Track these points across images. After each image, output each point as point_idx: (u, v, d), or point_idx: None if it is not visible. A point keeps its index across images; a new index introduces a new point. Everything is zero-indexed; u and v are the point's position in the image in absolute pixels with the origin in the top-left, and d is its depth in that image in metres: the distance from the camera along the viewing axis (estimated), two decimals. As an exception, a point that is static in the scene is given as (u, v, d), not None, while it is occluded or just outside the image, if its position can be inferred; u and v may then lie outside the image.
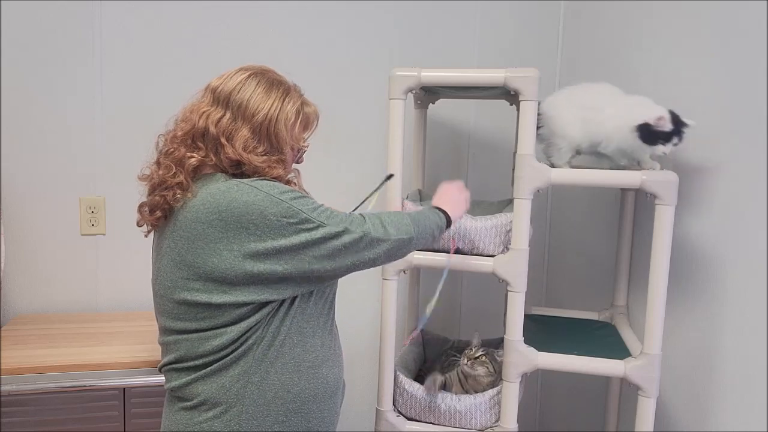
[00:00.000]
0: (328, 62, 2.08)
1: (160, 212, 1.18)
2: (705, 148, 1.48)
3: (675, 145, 1.45)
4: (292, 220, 1.12)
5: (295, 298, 1.19)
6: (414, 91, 1.71)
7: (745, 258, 1.34)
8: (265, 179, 1.18)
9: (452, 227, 1.51)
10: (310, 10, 2.05)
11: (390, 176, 1.59)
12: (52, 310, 1.94)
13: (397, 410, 1.70)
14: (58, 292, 1.94)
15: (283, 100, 1.23)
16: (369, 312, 2.16)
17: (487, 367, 1.67)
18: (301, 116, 1.26)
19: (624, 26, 1.88)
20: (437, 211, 1.40)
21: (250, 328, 1.16)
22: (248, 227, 1.11)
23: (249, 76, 1.23)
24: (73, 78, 1.90)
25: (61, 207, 1.92)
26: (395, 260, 1.29)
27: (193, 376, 1.18)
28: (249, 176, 1.19)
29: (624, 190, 1.84)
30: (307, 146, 1.32)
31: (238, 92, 1.20)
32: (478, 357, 1.69)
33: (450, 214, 1.41)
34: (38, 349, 1.61)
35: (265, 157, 1.20)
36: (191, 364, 1.18)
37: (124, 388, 1.55)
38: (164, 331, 1.22)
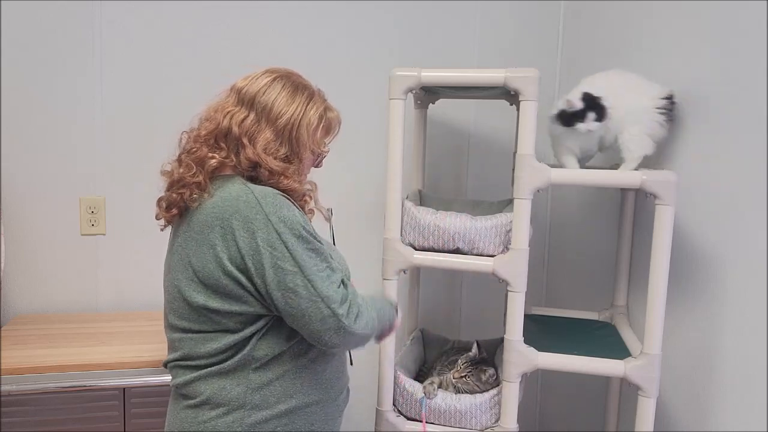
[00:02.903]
0: (328, 62, 2.08)
1: (176, 209, 1.19)
2: (705, 148, 1.48)
3: (597, 120, 1.52)
4: (275, 253, 1.11)
5: None
6: (414, 91, 1.71)
7: (745, 258, 1.34)
8: (278, 193, 1.16)
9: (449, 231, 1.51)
10: (310, 10, 2.05)
11: (330, 210, 1.52)
12: (52, 310, 1.94)
13: (397, 410, 1.70)
14: (58, 292, 1.94)
15: (307, 105, 1.24)
16: (369, 312, 2.16)
17: (472, 386, 1.67)
18: (323, 121, 1.27)
19: (624, 26, 1.88)
20: (394, 310, 1.37)
21: (250, 336, 1.16)
22: (240, 242, 1.11)
23: (275, 78, 1.23)
24: (73, 78, 1.90)
25: (61, 207, 1.92)
26: (346, 349, 1.26)
27: (195, 374, 1.18)
28: (263, 180, 1.19)
29: (624, 190, 1.84)
30: (328, 151, 1.33)
31: (263, 94, 1.21)
32: (463, 376, 1.69)
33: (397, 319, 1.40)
34: (38, 349, 1.61)
35: (283, 163, 1.20)
36: (194, 363, 1.18)
37: (124, 388, 1.55)
38: (170, 327, 1.22)
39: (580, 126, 1.52)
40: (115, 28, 1.91)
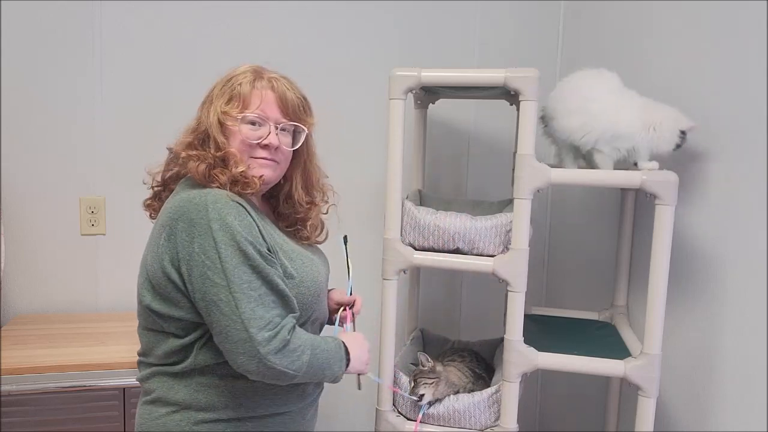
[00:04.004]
0: (328, 62, 2.08)
1: (156, 203, 1.25)
2: (705, 148, 1.48)
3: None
4: (207, 261, 1.07)
5: None
6: (414, 91, 1.71)
7: (745, 258, 1.34)
8: (234, 198, 1.11)
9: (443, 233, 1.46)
10: (310, 10, 2.05)
11: (345, 237, 1.41)
12: (52, 310, 1.94)
13: (397, 410, 1.70)
14: (58, 292, 1.94)
15: (228, 78, 1.21)
16: (369, 312, 2.16)
17: (430, 386, 1.64)
18: (225, 89, 1.19)
19: (624, 26, 1.88)
20: (345, 363, 1.21)
21: (192, 343, 1.13)
22: (179, 244, 1.10)
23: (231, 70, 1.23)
24: (73, 78, 1.90)
25: (61, 207, 1.92)
26: (269, 381, 1.12)
27: (150, 371, 1.19)
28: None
29: (624, 190, 1.84)
30: (256, 125, 1.19)
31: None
32: (416, 385, 1.64)
33: (350, 369, 1.24)
34: (38, 349, 1.61)
35: (185, 147, 1.17)
36: (149, 360, 1.19)
37: (124, 388, 1.56)
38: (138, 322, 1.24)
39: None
40: (115, 28, 1.91)
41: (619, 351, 1.60)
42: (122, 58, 1.93)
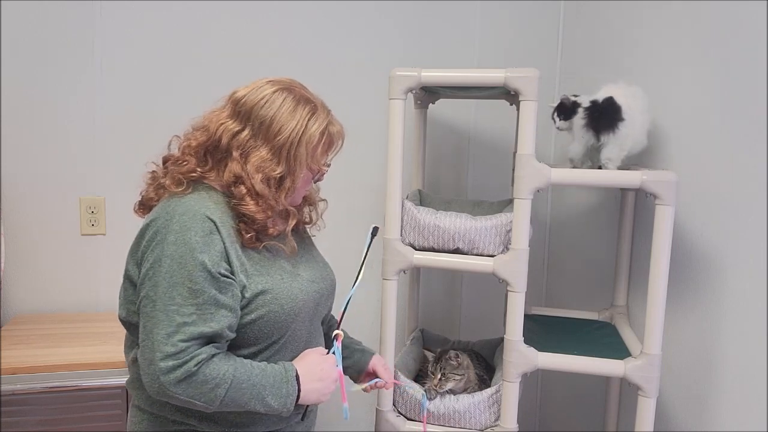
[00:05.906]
0: (328, 62, 2.08)
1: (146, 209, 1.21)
2: (705, 148, 1.48)
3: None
4: (149, 271, 1.06)
5: None
6: (414, 91, 1.71)
7: (745, 258, 1.34)
8: (209, 217, 1.09)
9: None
10: (310, 10, 2.05)
11: (375, 228, 1.32)
12: (52, 310, 1.94)
13: (397, 410, 1.70)
14: (58, 292, 1.94)
15: (308, 120, 1.15)
16: (369, 312, 2.16)
17: (456, 379, 1.65)
18: (325, 137, 1.18)
19: (624, 26, 1.88)
20: (292, 396, 1.13)
21: None
22: (140, 249, 1.10)
23: (275, 91, 1.15)
24: (73, 78, 1.90)
25: (61, 207, 1.92)
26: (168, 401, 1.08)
27: (132, 377, 1.19)
28: (235, 197, 1.12)
29: (624, 190, 1.84)
30: (328, 167, 1.25)
31: (262, 108, 1.13)
32: (441, 379, 1.64)
33: (300, 400, 1.15)
34: (38, 349, 1.61)
35: (267, 187, 1.12)
36: (131, 365, 1.19)
37: (126, 387, 1.55)
38: None
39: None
40: (115, 28, 1.91)
41: (619, 351, 1.60)
42: (122, 58, 1.93)
